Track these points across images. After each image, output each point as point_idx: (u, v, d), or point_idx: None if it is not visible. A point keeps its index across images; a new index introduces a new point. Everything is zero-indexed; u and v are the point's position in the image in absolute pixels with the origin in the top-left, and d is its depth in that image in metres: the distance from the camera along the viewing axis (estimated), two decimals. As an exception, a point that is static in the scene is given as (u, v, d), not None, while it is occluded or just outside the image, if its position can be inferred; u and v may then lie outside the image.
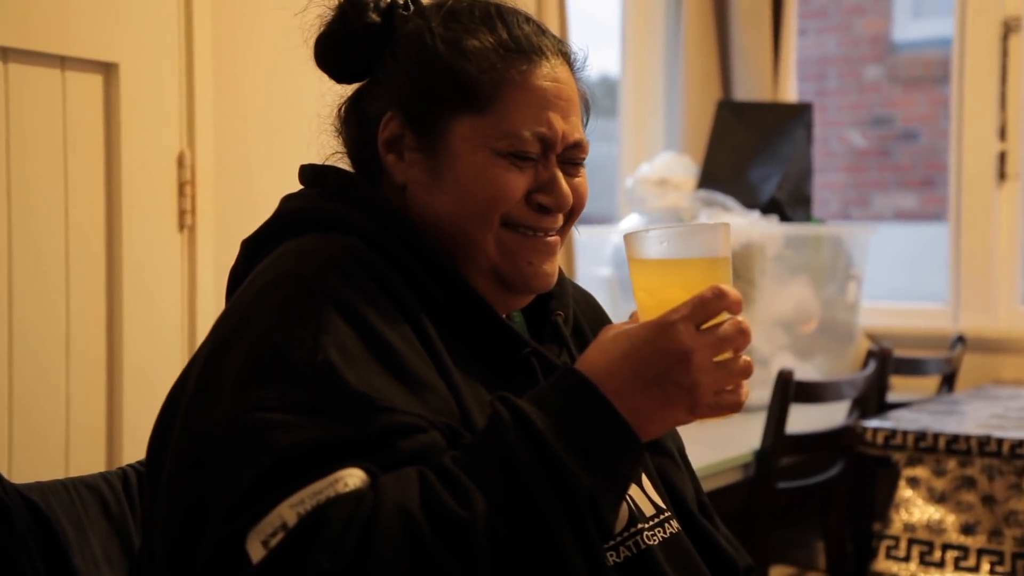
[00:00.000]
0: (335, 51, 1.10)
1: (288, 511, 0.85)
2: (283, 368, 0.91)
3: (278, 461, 0.87)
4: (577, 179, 1.09)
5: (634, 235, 1.00)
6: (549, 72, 1.06)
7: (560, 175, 1.07)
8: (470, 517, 0.85)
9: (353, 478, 0.86)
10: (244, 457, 0.88)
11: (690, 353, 0.91)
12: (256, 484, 0.86)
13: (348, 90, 1.14)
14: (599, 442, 0.90)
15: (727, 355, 0.94)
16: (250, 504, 0.86)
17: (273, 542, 0.84)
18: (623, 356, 0.93)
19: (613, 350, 0.93)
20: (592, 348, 0.96)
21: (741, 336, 0.93)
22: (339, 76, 1.12)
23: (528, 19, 1.10)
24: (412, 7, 1.10)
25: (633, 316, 1.01)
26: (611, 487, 0.91)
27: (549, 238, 1.08)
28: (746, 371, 0.95)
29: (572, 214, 1.10)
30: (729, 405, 0.94)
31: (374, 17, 1.08)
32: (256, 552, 0.84)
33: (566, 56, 1.10)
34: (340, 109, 1.14)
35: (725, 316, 0.94)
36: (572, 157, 1.08)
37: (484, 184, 1.04)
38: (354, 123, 1.12)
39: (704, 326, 0.93)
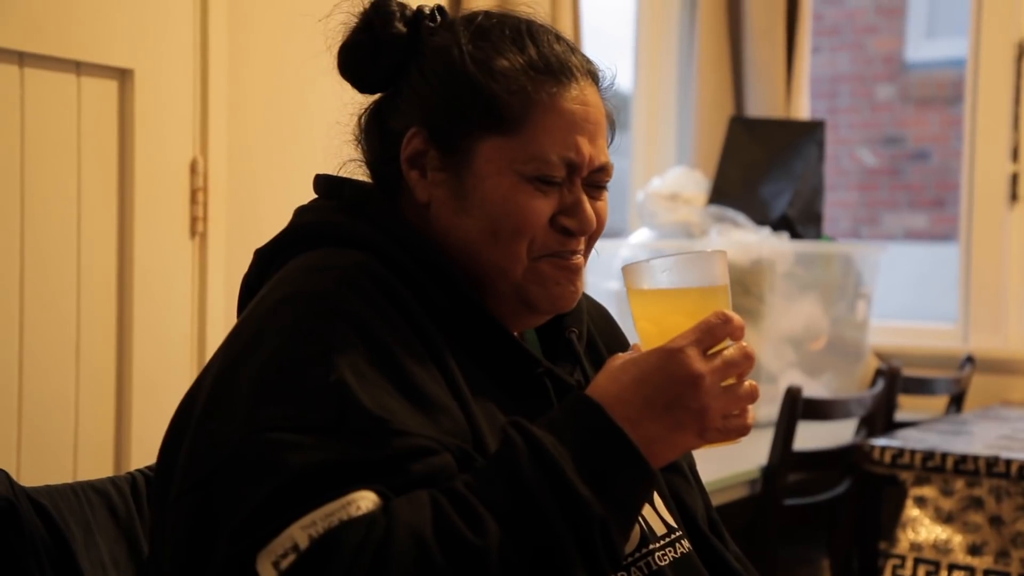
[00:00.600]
0: (359, 60, 1.08)
1: (300, 533, 0.84)
2: (296, 387, 0.91)
3: (290, 482, 0.86)
4: (599, 202, 1.08)
5: (634, 266, 1.01)
6: (578, 95, 1.05)
7: (585, 199, 1.06)
8: (483, 545, 0.85)
9: (366, 501, 0.86)
10: (256, 477, 0.87)
11: (700, 378, 0.92)
12: (267, 504, 0.86)
13: (367, 98, 1.13)
14: (612, 470, 0.90)
15: (731, 380, 0.95)
16: (261, 524, 0.85)
17: (284, 564, 0.83)
18: (633, 383, 0.93)
19: (622, 378, 0.94)
20: (601, 376, 0.96)
21: (747, 361, 0.95)
22: (362, 86, 1.10)
23: (559, 37, 1.08)
24: (439, 19, 1.09)
25: (634, 348, 1.01)
26: (622, 514, 0.91)
27: (574, 260, 1.07)
28: (752, 395, 0.96)
29: (593, 236, 1.09)
30: (737, 429, 0.96)
31: (400, 27, 1.07)
32: (267, 573, 0.84)
33: (594, 76, 1.08)
34: (360, 118, 1.12)
35: (728, 342, 0.95)
36: (597, 180, 1.07)
37: (510, 210, 1.03)
38: (375, 134, 1.10)
39: (709, 352, 0.94)
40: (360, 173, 1.13)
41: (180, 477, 0.94)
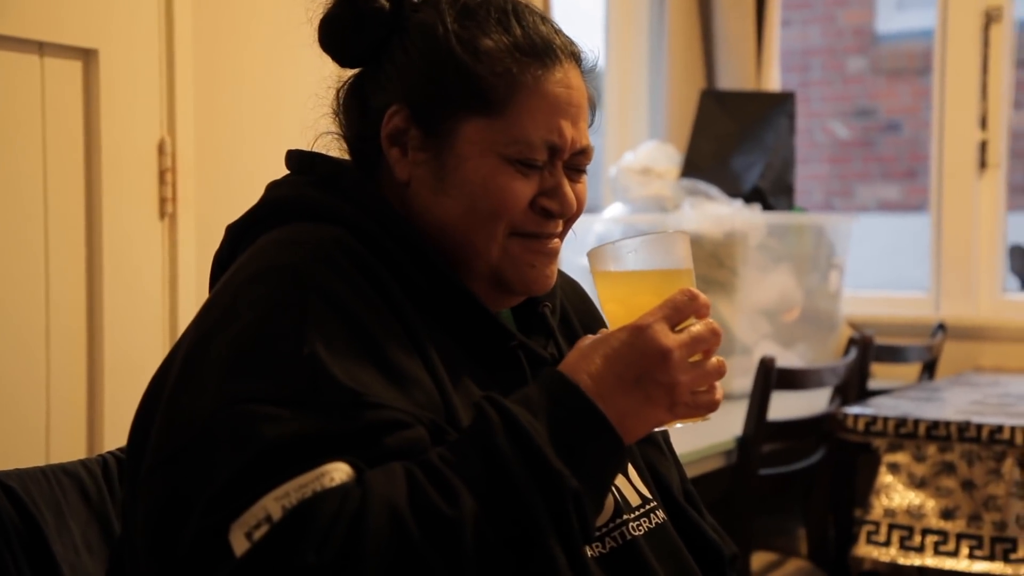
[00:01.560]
0: (340, 33, 1.07)
1: (273, 504, 0.84)
2: (268, 360, 0.90)
3: (263, 453, 0.86)
4: (579, 185, 1.08)
5: (600, 249, 1.02)
6: (562, 78, 1.04)
7: (566, 181, 1.06)
8: (458, 516, 0.85)
9: (339, 472, 0.86)
10: (228, 448, 0.86)
11: (669, 352, 0.93)
12: (240, 476, 0.85)
13: (341, 73, 1.12)
14: (585, 444, 0.91)
15: (698, 357, 0.96)
16: (234, 495, 0.85)
17: (257, 535, 0.83)
18: (604, 359, 0.94)
19: (593, 355, 0.95)
20: (572, 354, 0.97)
21: (714, 337, 0.96)
22: (343, 59, 1.09)
23: (544, 19, 1.08)
24: None
25: (602, 332, 1.01)
26: (595, 488, 0.92)
27: (551, 243, 1.07)
28: (720, 371, 0.97)
29: (571, 219, 1.09)
30: (705, 404, 0.97)
31: (383, 1, 1.05)
32: (239, 544, 0.83)
33: (577, 58, 1.08)
34: (339, 92, 1.11)
35: (693, 320, 0.97)
36: (577, 163, 1.07)
37: (491, 192, 1.02)
38: (355, 109, 1.09)
39: (676, 328, 0.96)
40: (336, 147, 1.12)
41: (152, 452, 0.93)
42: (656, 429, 1.00)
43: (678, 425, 1.00)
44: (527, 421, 0.90)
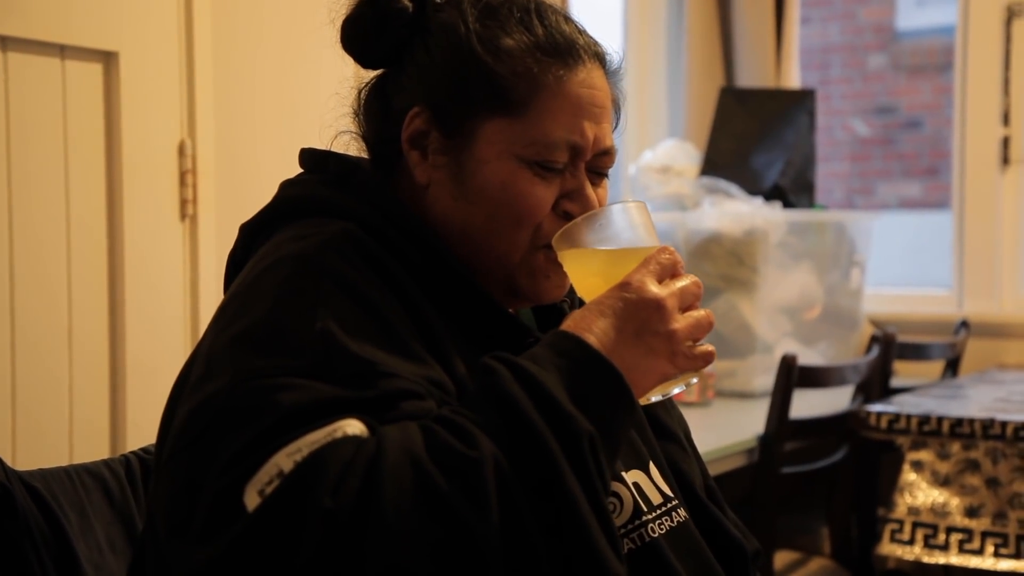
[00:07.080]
0: (362, 34, 1.06)
1: (285, 459, 0.83)
2: (283, 339, 0.90)
3: (279, 419, 0.85)
4: (600, 189, 1.07)
5: (571, 228, 1.00)
6: (585, 78, 1.03)
7: (588, 184, 1.05)
8: (480, 456, 0.84)
9: (352, 427, 0.85)
10: (246, 419, 0.86)
11: (662, 300, 0.94)
12: (255, 440, 0.85)
13: (359, 75, 1.12)
14: (595, 392, 0.91)
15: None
16: (246, 456, 0.84)
17: (269, 490, 0.82)
18: (601, 318, 0.94)
19: (589, 316, 0.95)
20: (568, 322, 0.96)
21: (698, 289, 0.98)
22: (365, 60, 1.09)
23: (568, 18, 1.07)
24: None
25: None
26: (608, 435, 0.91)
27: None
28: (709, 320, 0.98)
29: None
30: (703, 356, 0.97)
31: (405, 2, 1.05)
32: (252, 502, 0.83)
33: (601, 59, 1.07)
34: (361, 92, 1.11)
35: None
36: (599, 165, 1.06)
37: (509, 197, 1.02)
38: (376, 110, 1.09)
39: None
40: (355, 147, 1.12)
41: (171, 441, 0.93)
42: (658, 398, 1.00)
43: (679, 389, 1.00)
44: (536, 371, 0.89)
